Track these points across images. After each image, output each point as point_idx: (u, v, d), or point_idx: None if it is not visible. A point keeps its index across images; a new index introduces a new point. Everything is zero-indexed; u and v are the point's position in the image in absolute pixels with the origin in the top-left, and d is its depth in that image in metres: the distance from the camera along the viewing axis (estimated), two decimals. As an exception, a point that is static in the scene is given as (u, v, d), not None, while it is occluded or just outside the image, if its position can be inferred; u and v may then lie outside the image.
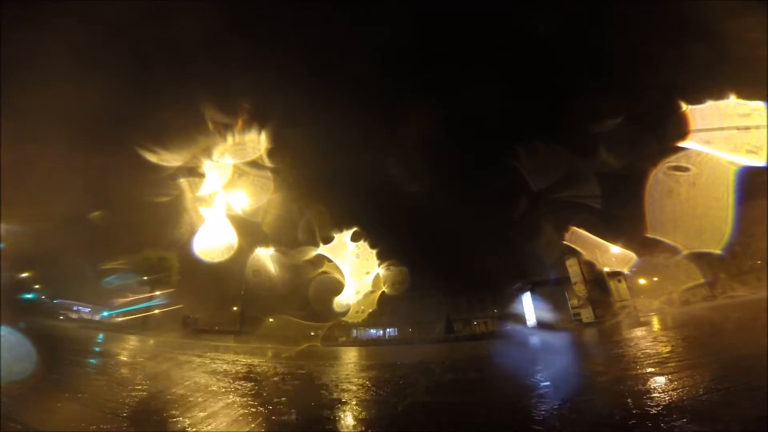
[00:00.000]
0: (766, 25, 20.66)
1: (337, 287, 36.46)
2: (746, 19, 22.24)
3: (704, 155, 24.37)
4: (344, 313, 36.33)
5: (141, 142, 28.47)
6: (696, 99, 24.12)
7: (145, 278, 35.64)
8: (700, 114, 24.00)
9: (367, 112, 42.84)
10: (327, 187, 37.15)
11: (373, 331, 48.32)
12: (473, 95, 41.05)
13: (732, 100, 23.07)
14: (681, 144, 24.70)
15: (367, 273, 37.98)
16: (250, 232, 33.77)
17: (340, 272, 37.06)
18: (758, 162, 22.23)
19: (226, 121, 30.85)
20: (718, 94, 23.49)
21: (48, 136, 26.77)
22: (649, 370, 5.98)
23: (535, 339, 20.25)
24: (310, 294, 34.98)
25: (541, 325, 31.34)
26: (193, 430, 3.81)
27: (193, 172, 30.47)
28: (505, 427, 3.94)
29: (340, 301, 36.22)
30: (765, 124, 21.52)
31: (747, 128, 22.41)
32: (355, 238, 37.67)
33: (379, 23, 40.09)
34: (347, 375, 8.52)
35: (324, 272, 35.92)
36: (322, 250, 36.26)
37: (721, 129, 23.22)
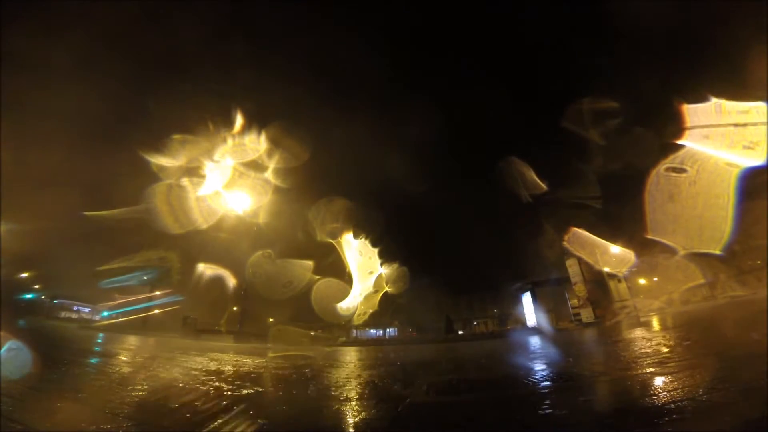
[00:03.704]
0: (766, 25, 20.68)
1: (341, 290, 36.42)
2: (745, 17, 22.25)
3: (704, 155, 24.40)
4: (349, 317, 36.30)
5: (142, 142, 28.51)
6: (695, 98, 24.17)
7: (145, 278, 35.62)
8: (698, 112, 24.05)
9: (368, 113, 42.90)
10: (328, 188, 37.17)
11: (373, 331, 48.36)
12: (473, 96, 41.08)
13: (731, 99, 23.14)
14: (679, 142, 24.75)
15: (370, 273, 38.00)
16: (250, 232, 33.79)
17: (344, 274, 37.02)
18: (755, 158, 22.29)
19: (226, 121, 30.88)
20: (717, 93, 23.54)
21: (48, 135, 26.78)
22: (649, 370, 5.98)
23: (535, 339, 20.25)
24: (312, 296, 34.96)
25: (541, 325, 31.36)
26: (194, 429, 3.81)
27: (193, 172, 30.50)
28: (505, 427, 3.94)
29: (344, 305, 36.18)
30: (763, 121, 21.56)
31: (745, 125, 22.49)
32: (356, 236, 37.69)
33: (380, 23, 40.11)
34: (347, 375, 8.52)
35: (327, 275, 35.87)
36: (326, 247, 36.15)
37: (719, 126, 23.29)
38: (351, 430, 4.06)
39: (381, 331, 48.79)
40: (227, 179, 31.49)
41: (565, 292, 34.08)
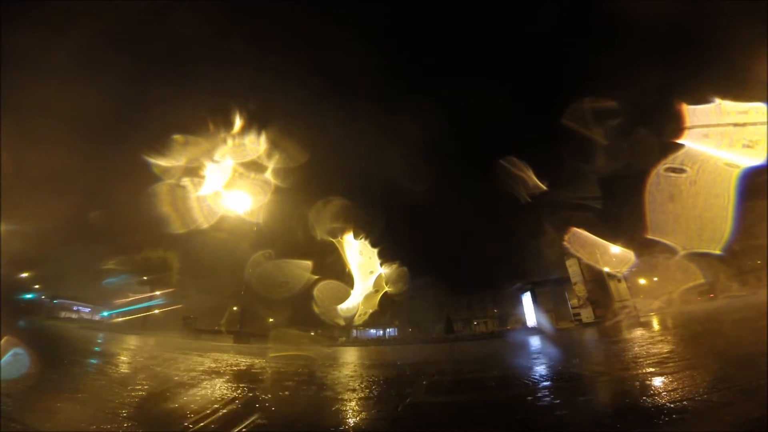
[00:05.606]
0: (765, 25, 20.70)
1: (341, 290, 36.40)
2: (746, 17, 22.27)
3: (704, 155, 24.43)
4: (349, 318, 36.29)
5: (142, 142, 28.54)
6: (695, 98, 24.21)
7: (145, 278, 35.63)
8: (698, 112, 24.12)
9: (368, 113, 42.92)
10: (328, 188, 37.18)
11: (372, 331, 48.33)
12: (473, 95, 41.07)
13: (731, 99, 23.21)
14: (679, 142, 24.80)
15: (370, 273, 38.00)
16: (250, 232, 33.78)
17: (344, 274, 36.99)
18: (755, 158, 22.34)
19: (226, 122, 30.90)
20: (717, 93, 23.58)
21: (48, 136, 26.78)
22: (649, 370, 5.98)
23: (535, 339, 20.25)
24: (312, 296, 34.94)
25: (541, 325, 31.34)
26: (194, 429, 3.81)
27: (193, 172, 30.53)
28: (505, 427, 3.94)
29: (344, 306, 36.16)
30: (763, 121, 21.61)
31: (745, 125, 22.56)
32: (357, 236, 37.72)
33: (379, 23, 40.10)
34: (347, 375, 8.52)
35: (327, 275, 35.84)
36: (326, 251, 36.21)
37: (719, 126, 23.36)
38: (351, 430, 4.05)
39: (381, 331, 48.77)
40: (227, 179, 31.50)
41: (565, 292, 34.04)
